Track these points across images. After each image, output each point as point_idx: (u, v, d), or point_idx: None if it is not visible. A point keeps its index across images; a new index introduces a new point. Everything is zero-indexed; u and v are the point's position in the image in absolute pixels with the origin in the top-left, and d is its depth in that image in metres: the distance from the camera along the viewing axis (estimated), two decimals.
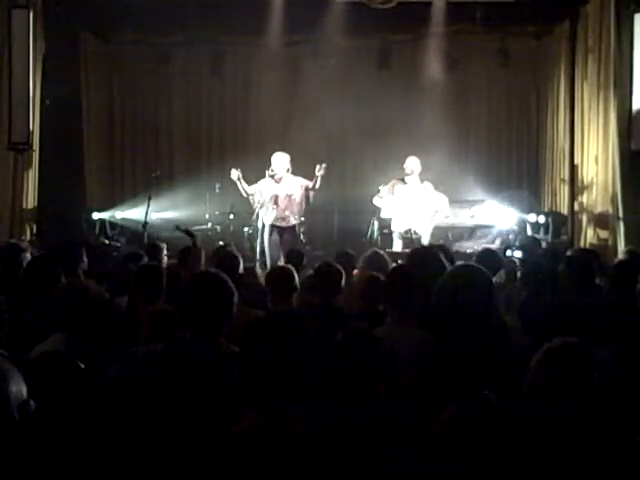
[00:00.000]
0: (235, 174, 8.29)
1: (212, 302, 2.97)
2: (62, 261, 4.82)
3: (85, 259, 5.19)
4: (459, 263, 3.47)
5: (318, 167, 8.23)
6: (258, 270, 6.42)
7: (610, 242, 9.01)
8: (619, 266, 4.91)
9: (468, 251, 9.23)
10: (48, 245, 6.32)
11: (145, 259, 5.80)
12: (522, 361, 2.82)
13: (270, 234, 8.42)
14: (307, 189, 8.40)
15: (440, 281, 3.22)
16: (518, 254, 6.81)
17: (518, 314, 3.65)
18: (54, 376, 2.44)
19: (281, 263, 7.06)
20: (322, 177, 8.27)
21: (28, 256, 5.25)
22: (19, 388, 2.32)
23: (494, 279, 4.26)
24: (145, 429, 2.45)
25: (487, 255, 5.46)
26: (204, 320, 2.95)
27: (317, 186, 8.34)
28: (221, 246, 7.26)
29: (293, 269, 4.59)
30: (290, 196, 8.40)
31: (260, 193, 8.41)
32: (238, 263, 5.02)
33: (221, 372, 2.67)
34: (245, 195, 8.46)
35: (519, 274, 5.42)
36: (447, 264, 4.03)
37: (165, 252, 6.32)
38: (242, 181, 8.33)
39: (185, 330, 3.04)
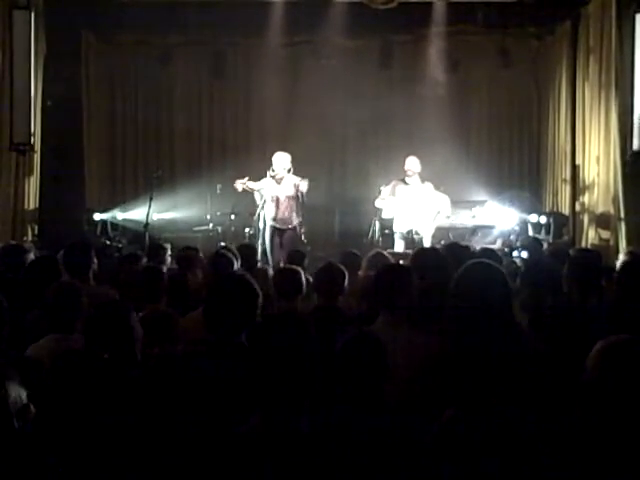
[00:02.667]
0: (240, 186, 8.32)
1: (236, 304, 2.95)
2: (73, 264, 4.74)
3: (95, 261, 5.11)
4: (472, 261, 3.40)
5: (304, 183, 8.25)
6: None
7: (612, 242, 9.00)
8: (624, 268, 4.91)
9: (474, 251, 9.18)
10: (55, 247, 6.28)
11: (144, 260, 5.78)
12: (534, 361, 2.81)
13: (271, 235, 8.41)
14: (298, 188, 8.38)
15: (455, 280, 3.13)
16: (524, 254, 6.79)
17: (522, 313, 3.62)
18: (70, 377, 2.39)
19: (282, 264, 7.06)
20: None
21: (31, 257, 5.24)
22: (18, 392, 2.30)
23: None
24: (160, 432, 2.43)
25: (487, 255, 5.41)
26: (227, 322, 2.93)
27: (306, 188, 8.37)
28: (222, 247, 7.25)
29: (300, 270, 4.57)
30: (291, 197, 8.39)
31: (262, 192, 8.40)
32: (232, 265, 5.00)
33: (242, 373, 2.65)
34: (254, 191, 8.47)
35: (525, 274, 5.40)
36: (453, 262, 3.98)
37: (169, 253, 6.30)
38: (249, 184, 8.34)
39: (209, 332, 3.02)
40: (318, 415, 2.29)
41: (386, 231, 9.43)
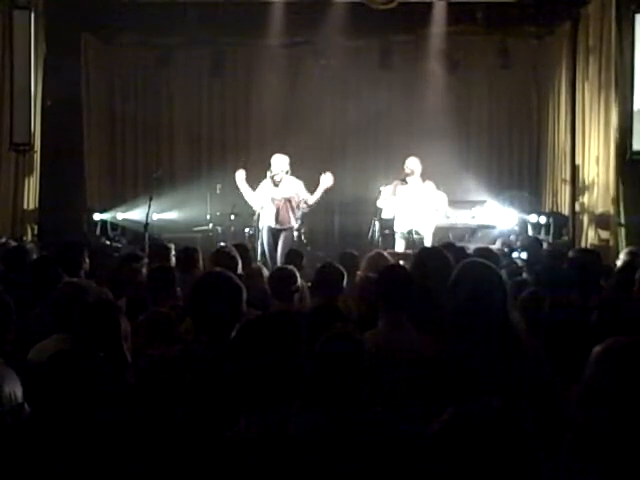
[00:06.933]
0: (240, 176, 8.33)
1: (220, 301, 2.93)
2: (64, 262, 4.82)
3: (87, 260, 5.18)
4: (467, 260, 3.38)
5: (323, 178, 8.23)
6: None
7: (611, 243, 9.00)
8: (624, 268, 4.92)
9: (469, 252, 9.18)
10: (53, 246, 6.31)
11: (145, 260, 5.79)
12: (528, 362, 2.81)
13: (269, 237, 8.43)
14: (305, 202, 8.40)
15: (453, 280, 3.12)
16: (524, 255, 6.78)
17: (522, 313, 3.62)
18: (69, 377, 2.37)
19: (279, 264, 7.06)
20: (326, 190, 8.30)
21: (33, 257, 5.25)
22: (13, 390, 2.29)
23: None
24: (154, 434, 2.42)
25: (482, 254, 5.34)
26: (215, 321, 2.91)
27: (314, 202, 8.37)
28: (221, 247, 7.25)
29: (295, 270, 4.58)
30: (288, 199, 8.40)
31: (260, 197, 8.42)
32: (236, 263, 5.01)
33: (232, 374, 2.64)
34: (246, 198, 8.51)
35: (525, 274, 5.40)
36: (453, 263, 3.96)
37: (173, 253, 6.29)
38: (244, 184, 8.37)
39: (198, 332, 3.01)
40: (306, 416, 2.28)
41: (386, 231, 9.43)
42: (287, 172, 8.44)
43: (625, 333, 3.24)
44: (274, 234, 8.41)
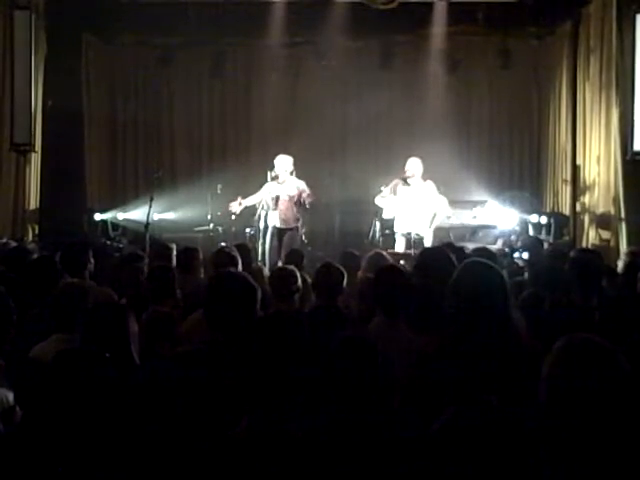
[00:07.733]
0: (236, 208, 8.39)
1: (236, 301, 2.93)
2: (68, 262, 4.80)
3: (92, 260, 5.18)
4: (469, 260, 3.39)
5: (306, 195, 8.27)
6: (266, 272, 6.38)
7: (612, 243, 9.00)
8: (625, 269, 4.92)
9: (468, 252, 9.18)
10: (54, 246, 6.31)
11: (146, 260, 5.79)
12: (529, 362, 2.80)
13: (272, 236, 8.43)
14: (300, 193, 8.41)
15: (454, 279, 3.12)
16: (525, 255, 6.77)
17: (522, 313, 3.61)
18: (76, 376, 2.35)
19: (280, 264, 7.05)
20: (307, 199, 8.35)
21: (35, 257, 5.25)
22: (5, 395, 2.28)
23: None
24: (157, 433, 2.41)
25: (481, 254, 5.31)
26: (230, 320, 2.90)
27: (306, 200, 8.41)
28: (222, 247, 7.25)
29: (296, 270, 4.58)
30: (292, 198, 8.41)
31: (263, 197, 8.43)
32: (237, 264, 5.01)
33: (238, 374, 2.63)
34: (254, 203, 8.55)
35: (526, 275, 5.40)
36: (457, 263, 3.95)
37: (174, 253, 6.29)
38: (244, 202, 8.40)
39: (213, 332, 3.00)
40: (310, 416, 2.27)
41: (386, 231, 9.42)
42: (291, 172, 8.46)
43: (626, 332, 3.24)
44: (279, 234, 8.41)
